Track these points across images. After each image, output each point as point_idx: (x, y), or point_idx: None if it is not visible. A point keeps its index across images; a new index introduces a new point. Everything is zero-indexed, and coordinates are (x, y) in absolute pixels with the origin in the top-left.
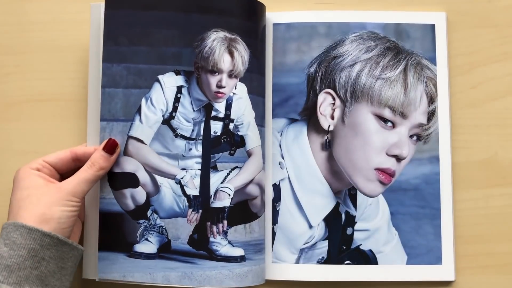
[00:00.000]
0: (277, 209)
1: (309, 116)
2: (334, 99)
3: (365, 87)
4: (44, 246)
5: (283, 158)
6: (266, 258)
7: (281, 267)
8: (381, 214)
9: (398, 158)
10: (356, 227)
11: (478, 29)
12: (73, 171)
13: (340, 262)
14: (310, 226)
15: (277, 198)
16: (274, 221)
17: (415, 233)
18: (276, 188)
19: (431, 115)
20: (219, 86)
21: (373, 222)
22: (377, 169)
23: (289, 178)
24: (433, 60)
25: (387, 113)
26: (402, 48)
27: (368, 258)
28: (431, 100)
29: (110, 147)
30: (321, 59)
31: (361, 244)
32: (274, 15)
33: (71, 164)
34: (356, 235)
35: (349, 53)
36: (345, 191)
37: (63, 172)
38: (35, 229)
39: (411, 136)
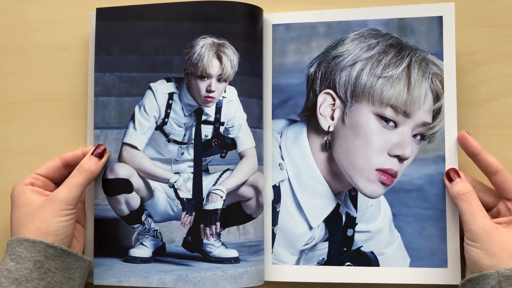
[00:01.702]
0: (277, 210)
1: (308, 117)
2: (334, 99)
3: (366, 87)
4: (48, 257)
5: (282, 159)
6: (266, 259)
7: (281, 268)
8: (382, 216)
9: (401, 159)
10: (357, 228)
11: (478, 29)
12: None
13: (341, 263)
14: (310, 228)
15: (277, 199)
16: (274, 222)
17: (418, 235)
18: (276, 189)
19: (436, 113)
20: (209, 90)
21: (375, 223)
22: (379, 170)
23: (289, 179)
24: (439, 55)
25: (389, 113)
26: (405, 44)
27: (369, 260)
28: (437, 97)
29: (99, 152)
30: (321, 59)
31: (362, 246)
32: (273, 16)
33: (63, 171)
34: (357, 236)
35: (349, 52)
36: (346, 192)
37: (58, 181)
38: (39, 241)
39: (414, 136)
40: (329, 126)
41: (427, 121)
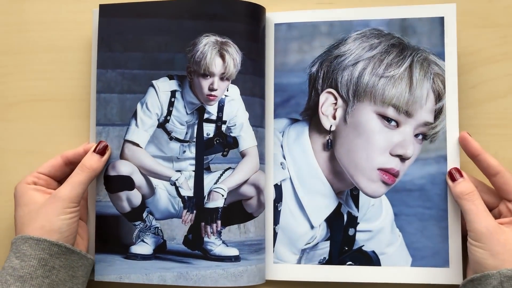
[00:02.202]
0: (279, 209)
1: (310, 116)
2: (336, 98)
3: (368, 86)
4: (53, 255)
5: (284, 158)
6: (267, 258)
7: (283, 267)
8: (384, 215)
9: (402, 158)
10: (358, 227)
11: (478, 29)
12: (69, 176)
13: (342, 263)
14: (312, 227)
15: (278, 199)
16: (276, 221)
17: (420, 235)
18: (278, 188)
19: (438, 113)
20: (211, 89)
21: (376, 223)
22: (380, 169)
23: (290, 178)
24: (441, 55)
25: (390, 112)
26: (407, 45)
27: (370, 259)
28: (439, 97)
29: (101, 149)
30: (323, 58)
31: (363, 245)
32: (275, 15)
33: (65, 169)
34: (359, 236)
35: (351, 51)
36: (347, 192)
37: (60, 179)
38: (43, 240)
39: (416, 135)
40: (331, 126)
41: (429, 121)
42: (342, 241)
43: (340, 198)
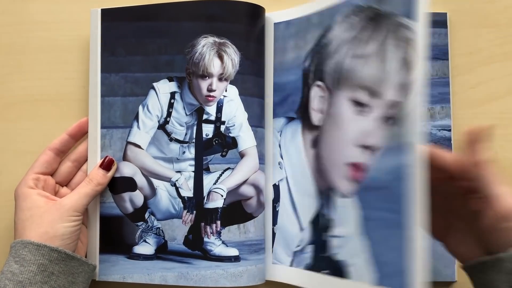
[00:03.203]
0: (277, 209)
1: (303, 113)
2: (324, 91)
3: (344, 71)
4: (52, 261)
5: (282, 158)
6: (267, 258)
7: (279, 268)
8: (353, 219)
9: (372, 149)
10: (333, 232)
11: (478, 29)
12: (66, 171)
13: (319, 270)
14: (301, 229)
15: (276, 199)
16: (274, 221)
17: (385, 246)
18: (276, 188)
19: (408, 89)
20: (210, 89)
21: (347, 227)
22: (349, 164)
23: (286, 178)
24: (414, 17)
25: (361, 96)
26: (383, 13)
27: (341, 269)
28: (410, 67)
29: (107, 165)
30: (314, 51)
31: (337, 253)
32: (275, 15)
33: (58, 160)
34: (333, 241)
35: (335, 37)
36: (327, 191)
37: (54, 171)
38: (43, 245)
39: (386, 120)
40: (317, 120)
41: (399, 100)
42: (320, 246)
43: (322, 199)
